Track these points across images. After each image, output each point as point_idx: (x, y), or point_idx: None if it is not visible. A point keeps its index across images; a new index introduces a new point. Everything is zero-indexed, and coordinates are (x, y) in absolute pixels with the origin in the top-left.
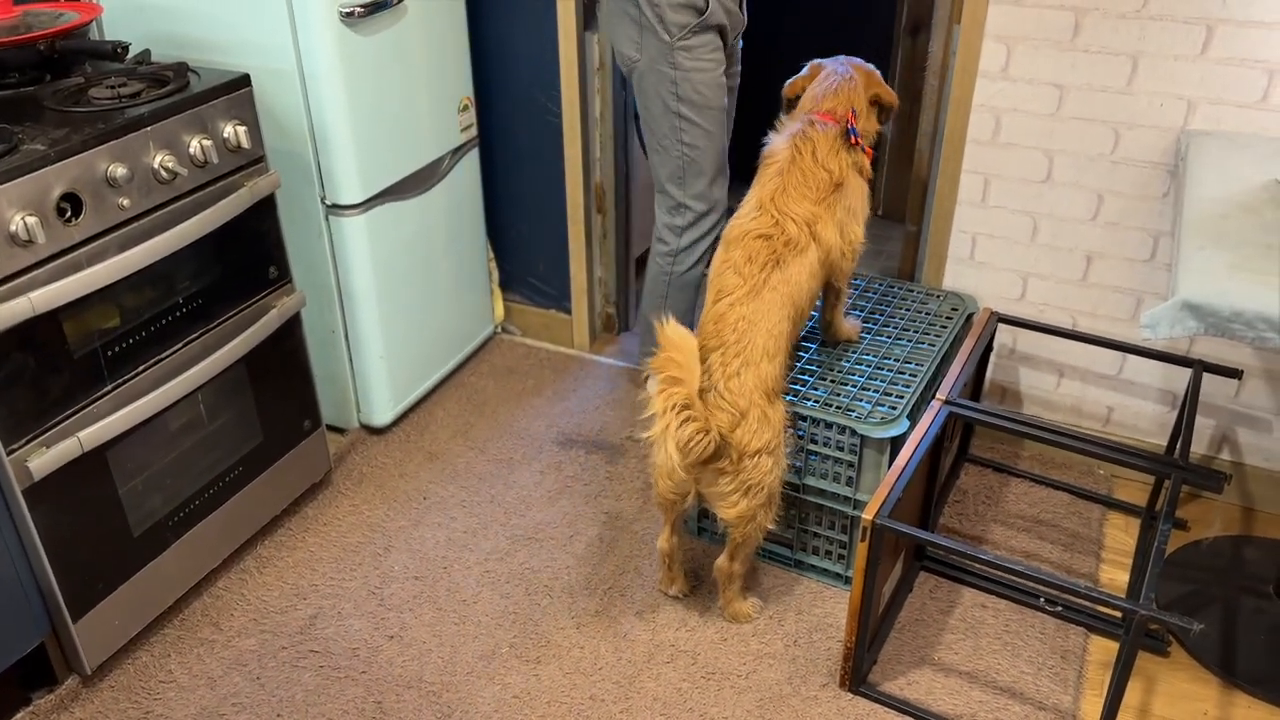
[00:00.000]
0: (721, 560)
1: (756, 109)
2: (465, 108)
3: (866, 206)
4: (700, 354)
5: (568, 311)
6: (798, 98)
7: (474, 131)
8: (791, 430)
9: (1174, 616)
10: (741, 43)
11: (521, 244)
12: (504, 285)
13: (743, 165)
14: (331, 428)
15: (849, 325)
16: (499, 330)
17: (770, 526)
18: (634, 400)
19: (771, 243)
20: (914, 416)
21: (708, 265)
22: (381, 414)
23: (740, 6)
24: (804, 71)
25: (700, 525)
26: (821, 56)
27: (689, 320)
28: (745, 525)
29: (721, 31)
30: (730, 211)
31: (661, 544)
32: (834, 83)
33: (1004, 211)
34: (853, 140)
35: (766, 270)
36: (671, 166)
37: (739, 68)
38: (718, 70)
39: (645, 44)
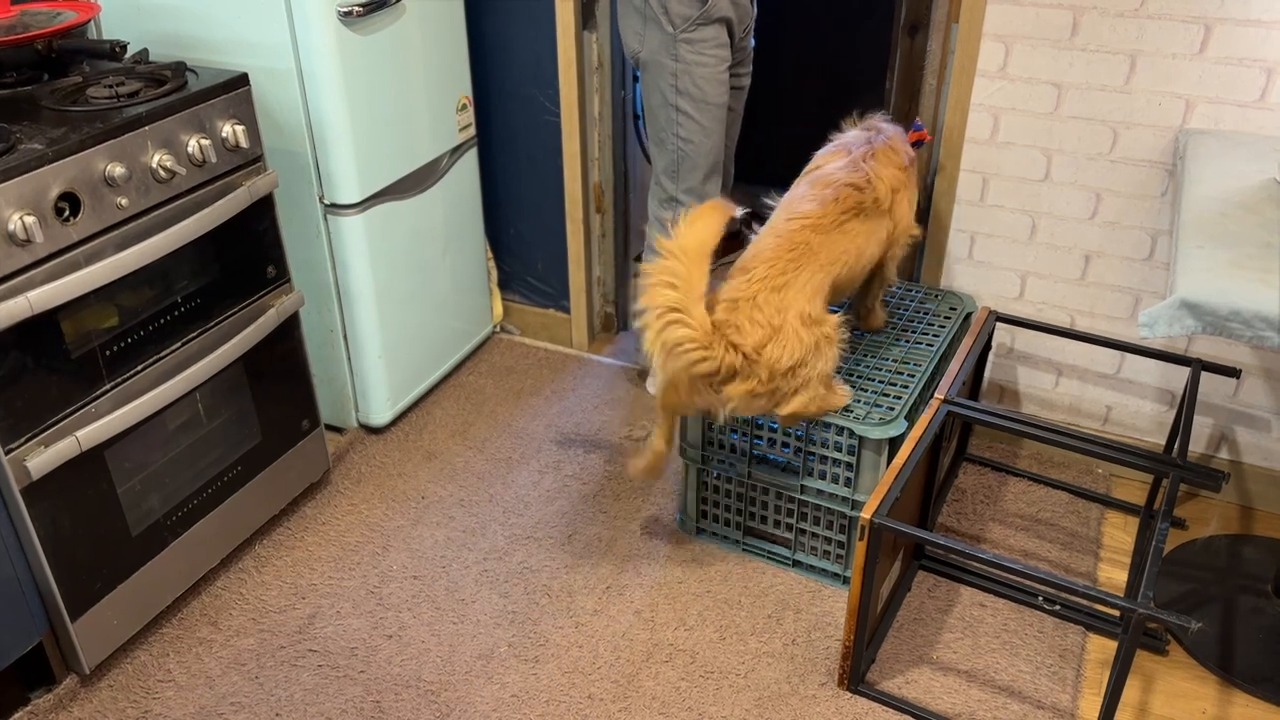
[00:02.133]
0: (785, 421)
1: (755, 110)
2: (464, 107)
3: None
4: (750, 259)
5: (566, 311)
6: None
7: (472, 131)
8: (845, 332)
9: (1172, 615)
10: (754, 42)
11: (520, 243)
12: (502, 285)
13: (750, 167)
14: (330, 427)
15: (882, 314)
16: (497, 330)
17: (841, 400)
18: (633, 399)
19: (861, 195)
20: (912, 416)
21: None
22: (380, 414)
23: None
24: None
25: (699, 526)
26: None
27: None
28: (809, 411)
29: (728, 25)
30: None
31: (659, 446)
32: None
33: (1002, 210)
34: (915, 138)
35: (847, 215)
36: (667, 160)
37: (750, 68)
38: (720, 66)
39: (648, 35)
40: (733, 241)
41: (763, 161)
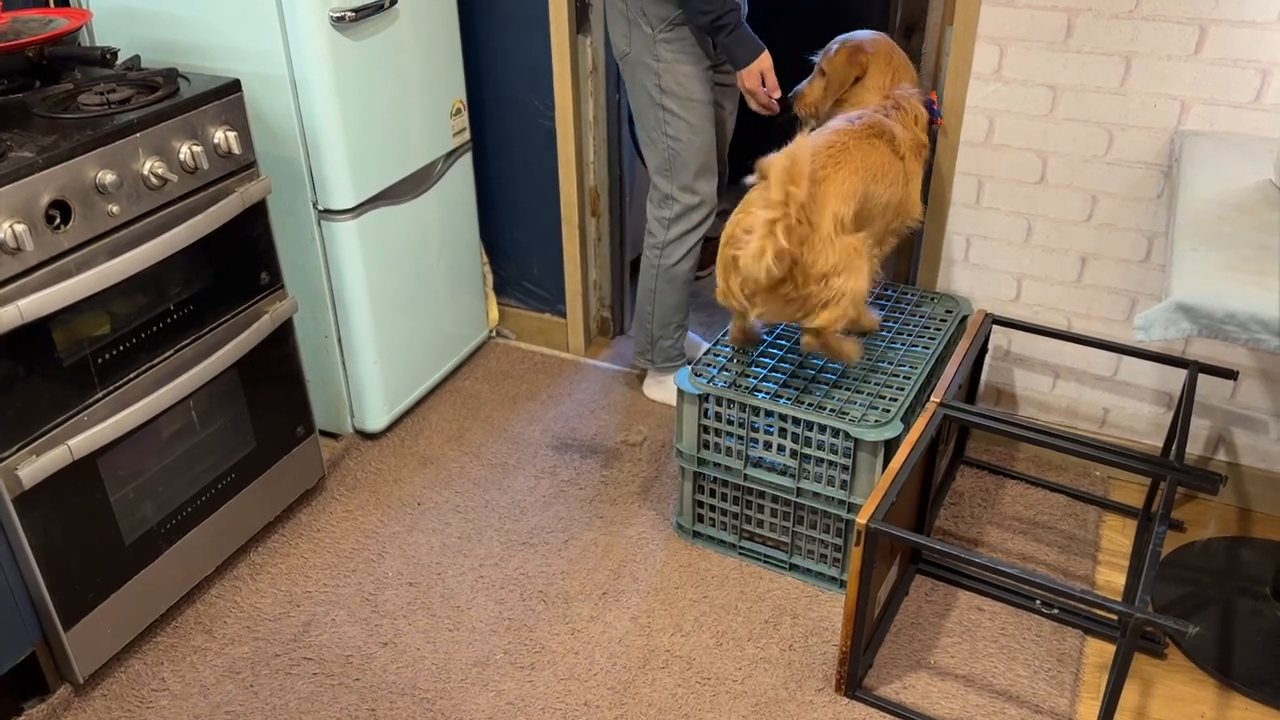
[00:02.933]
0: (808, 338)
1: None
2: (458, 111)
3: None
4: (791, 152)
5: (562, 315)
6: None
7: (467, 135)
8: (879, 276)
9: (1170, 620)
10: None
11: (515, 247)
12: (498, 289)
13: (746, 169)
14: (325, 433)
15: (875, 316)
16: (493, 334)
17: (871, 323)
18: (629, 404)
19: (891, 145)
20: (908, 419)
21: (695, 263)
22: (375, 419)
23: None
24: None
25: (695, 530)
26: (814, 58)
27: (677, 318)
28: (838, 328)
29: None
30: (724, 213)
31: (735, 334)
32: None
33: (998, 213)
34: (935, 121)
35: (875, 136)
36: (659, 159)
37: None
38: (700, 64)
39: (632, 37)
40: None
41: (752, 162)
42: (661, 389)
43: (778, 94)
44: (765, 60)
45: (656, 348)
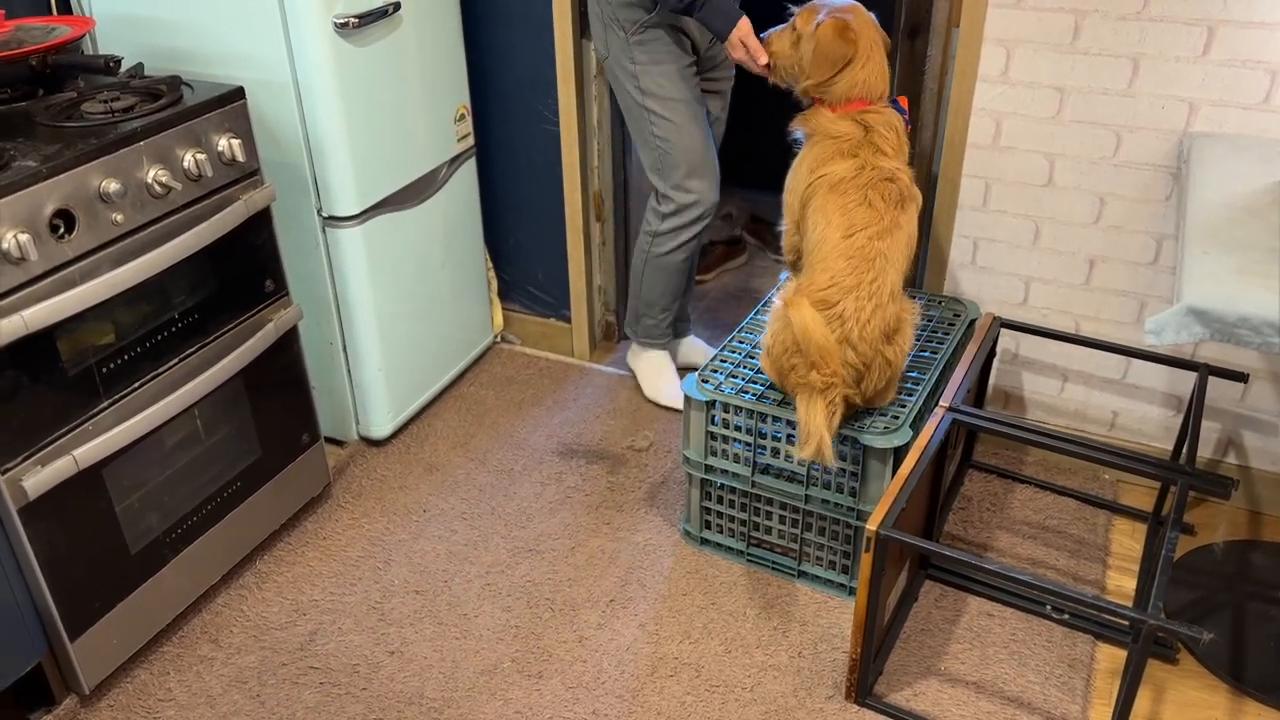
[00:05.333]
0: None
1: (749, 114)
2: (462, 117)
3: None
4: (831, 291)
5: (567, 320)
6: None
7: (471, 141)
8: (920, 315)
9: (1182, 626)
10: None
11: (520, 253)
12: (503, 294)
13: (743, 172)
14: (330, 440)
15: None
16: (498, 339)
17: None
18: (635, 408)
19: (897, 186)
20: (917, 424)
21: (687, 256)
22: (381, 426)
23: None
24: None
25: (703, 536)
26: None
27: (663, 302)
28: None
29: (684, 30)
30: (724, 213)
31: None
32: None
33: (1005, 216)
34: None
35: (896, 210)
36: (651, 158)
37: (732, 71)
38: (676, 63)
39: (610, 41)
40: (733, 248)
41: (756, 166)
42: (639, 360)
43: (763, 58)
44: (744, 26)
45: (640, 323)
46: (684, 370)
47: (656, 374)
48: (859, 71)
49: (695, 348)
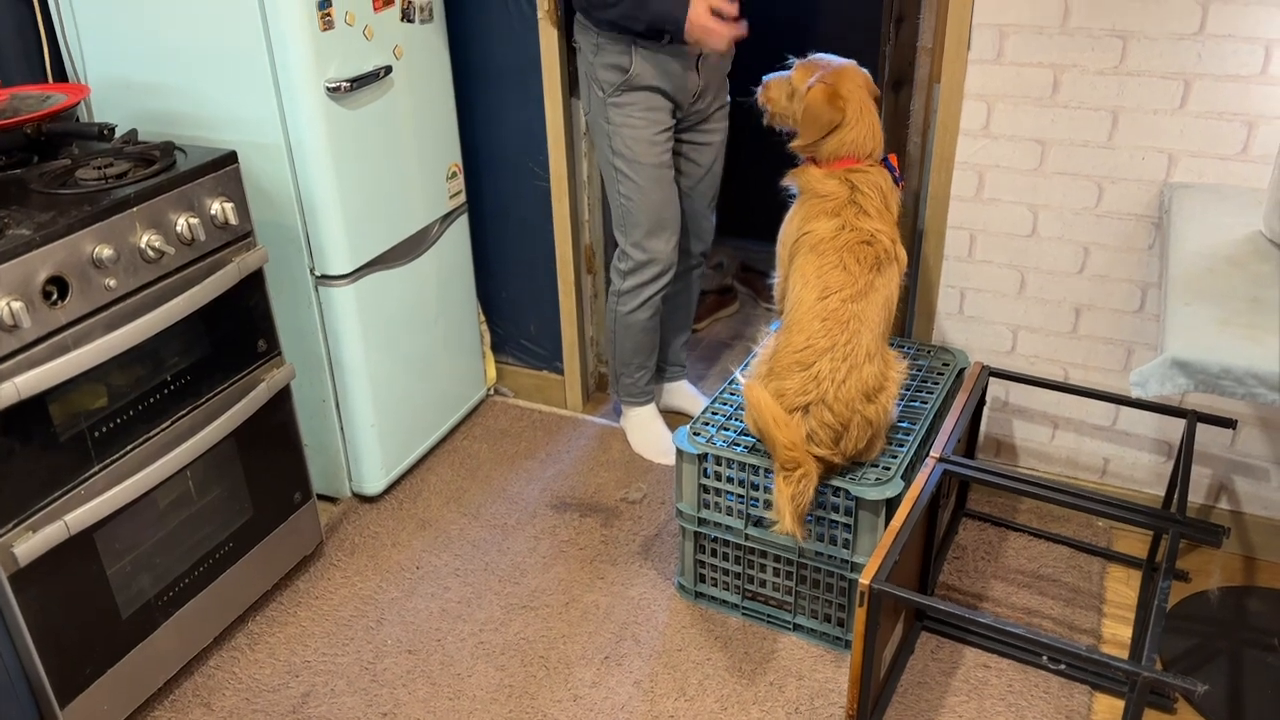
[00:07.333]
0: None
1: (739, 164)
2: (454, 175)
3: None
4: (806, 353)
5: (560, 372)
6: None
7: (463, 198)
8: (905, 370)
9: (1178, 678)
10: (729, 100)
11: (512, 306)
12: (495, 347)
13: (734, 222)
14: (323, 497)
15: None
16: (491, 392)
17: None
18: (628, 460)
19: (874, 249)
20: (909, 475)
21: (651, 314)
22: (373, 482)
23: (699, 70)
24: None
25: (698, 590)
26: (791, 60)
27: (638, 360)
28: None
29: (663, 93)
30: (689, 268)
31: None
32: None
33: (991, 266)
34: (899, 184)
35: (872, 273)
36: (616, 214)
37: (720, 124)
38: (650, 129)
39: (591, 99)
40: (725, 297)
41: (746, 215)
42: (626, 419)
43: (732, 9)
44: (695, 7)
45: (620, 383)
46: (675, 415)
47: (644, 430)
48: (848, 133)
49: (686, 393)
